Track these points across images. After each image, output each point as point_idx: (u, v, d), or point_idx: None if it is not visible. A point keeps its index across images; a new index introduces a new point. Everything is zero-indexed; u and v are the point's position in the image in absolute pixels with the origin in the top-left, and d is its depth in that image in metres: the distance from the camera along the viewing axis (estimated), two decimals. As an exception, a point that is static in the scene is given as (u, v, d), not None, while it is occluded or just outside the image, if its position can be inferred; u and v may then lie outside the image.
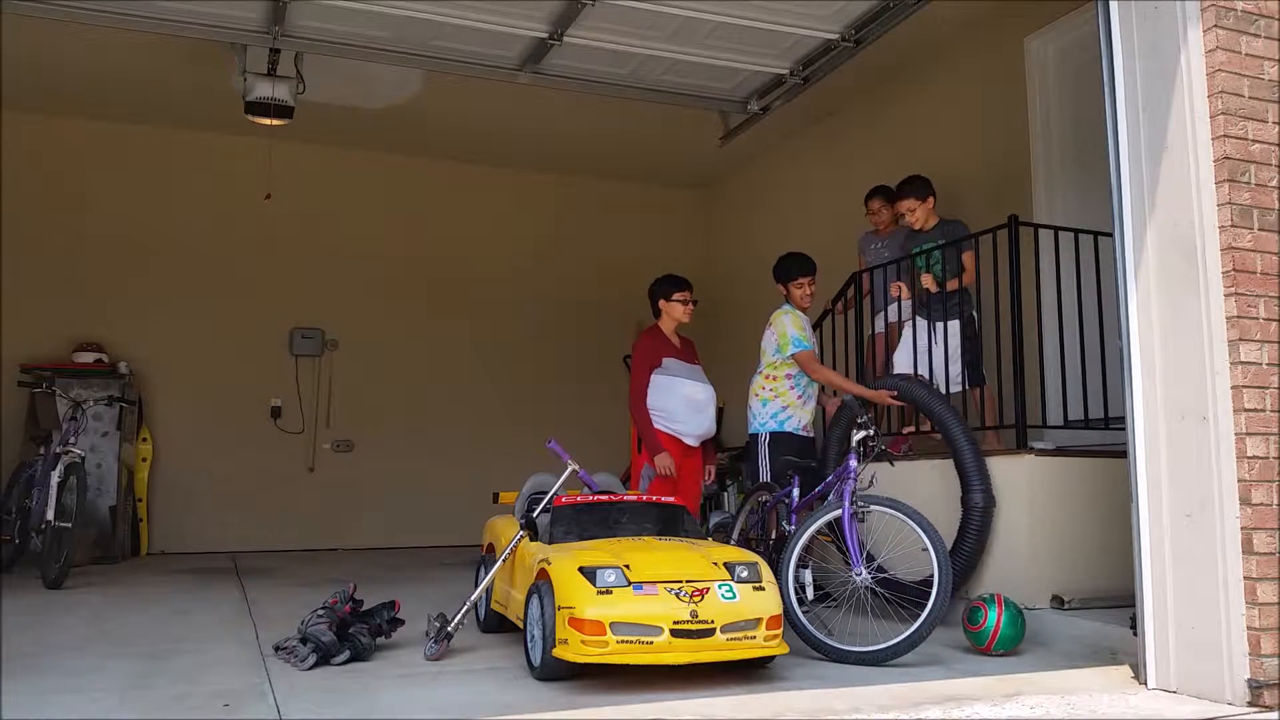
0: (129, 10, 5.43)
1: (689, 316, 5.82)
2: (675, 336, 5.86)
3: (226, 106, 7.18)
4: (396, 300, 9.39)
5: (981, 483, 4.85)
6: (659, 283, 5.87)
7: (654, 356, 5.70)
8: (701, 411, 5.71)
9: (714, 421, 5.84)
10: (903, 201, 5.93)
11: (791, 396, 5.52)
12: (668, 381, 5.66)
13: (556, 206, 10.04)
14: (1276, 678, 3.29)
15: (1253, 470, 3.38)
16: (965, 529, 4.80)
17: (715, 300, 10.30)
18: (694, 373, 5.77)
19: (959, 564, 4.64)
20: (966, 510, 4.84)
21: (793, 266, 5.70)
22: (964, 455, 4.92)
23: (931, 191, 5.90)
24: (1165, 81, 3.65)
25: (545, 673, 3.63)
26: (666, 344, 5.78)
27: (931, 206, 5.89)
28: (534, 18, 5.61)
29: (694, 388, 5.69)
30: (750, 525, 5.44)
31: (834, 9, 5.59)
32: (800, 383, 5.55)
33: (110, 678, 3.71)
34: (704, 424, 5.74)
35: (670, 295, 5.79)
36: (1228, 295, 3.45)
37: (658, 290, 5.85)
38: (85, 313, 8.37)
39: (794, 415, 5.52)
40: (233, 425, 8.75)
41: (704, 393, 5.74)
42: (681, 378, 5.68)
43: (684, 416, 5.65)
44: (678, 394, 5.65)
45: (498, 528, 4.74)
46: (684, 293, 5.79)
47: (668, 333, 5.83)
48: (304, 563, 7.62)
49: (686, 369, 5.74)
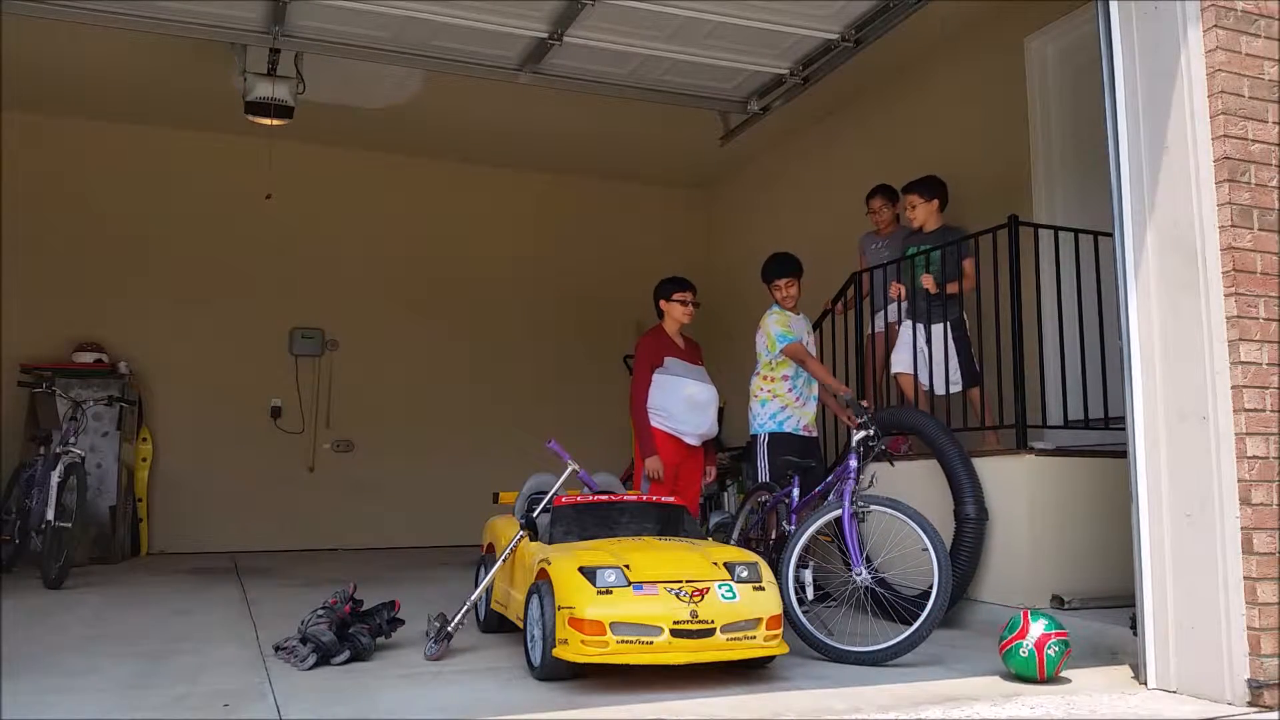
0: (129, 10, 5.43)
1: (689, 317, 5.83)
2: (679, 337, 5.88)
3: (226, 106, 7.18)
4: (396, 300, 9.38)
5: (974, 494, 4.90)
6: (662, 284, 5.92)
7: (655, 356, 5.73)
8: (702, 411, 5.72)
9: (715, 422, 5.85)
10: (908, 195, 5.92)
11: (790, 397, 5.56)
12: (669, 381, 5.68)
13: (557, 206, 10.03)
14: (1276, 678, 3.29)
15: (1253, 470, 3.38)
16: (960, 541, 4.83)
17: (715, 300, 10.30)
18: (696, 373, 5.78)
19: (955, 576, 4.64)
20: (959, 523, 4.86)
21: (772, 268, 5.74)
22: (955, 468, 4.97)
23: (939, 195, 5.89)
24: (1165, 81, 3.65)
25: (545, 673, 3.63)
26: (669, 344, 5.80)
27: (936, 209, 5.87)
28: (534, 18, 5.61)
29: (696, 387, 5.70)
30: (750, 525, 5.44)
31: (834, 9, 5.59)
32: (798, 383, 5.57)
33: (110, 678, 3.71)
34: (705, 424, 5.75)
35: (670, 295, 5.82)
36: (1228, 295, 3.45)
37: (660, 291, 5.89)
38: (85, 313, 8.36)
39: (793, 415, 5.56)
40: (233, 425, 8.75)
41: (706, 393, 5.75)
42: (683, 377, 5.69)
43: (685, 416, 5.66)
44: (679, 393, 5.66)
45: (498, 528, 4.74)
46: (684, 293, 5.81)
47: (671, 333, 5.85)
48: (304, 563, 7.61)
49: (688, 369, 5.76)
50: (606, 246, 9.99)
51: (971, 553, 4.82)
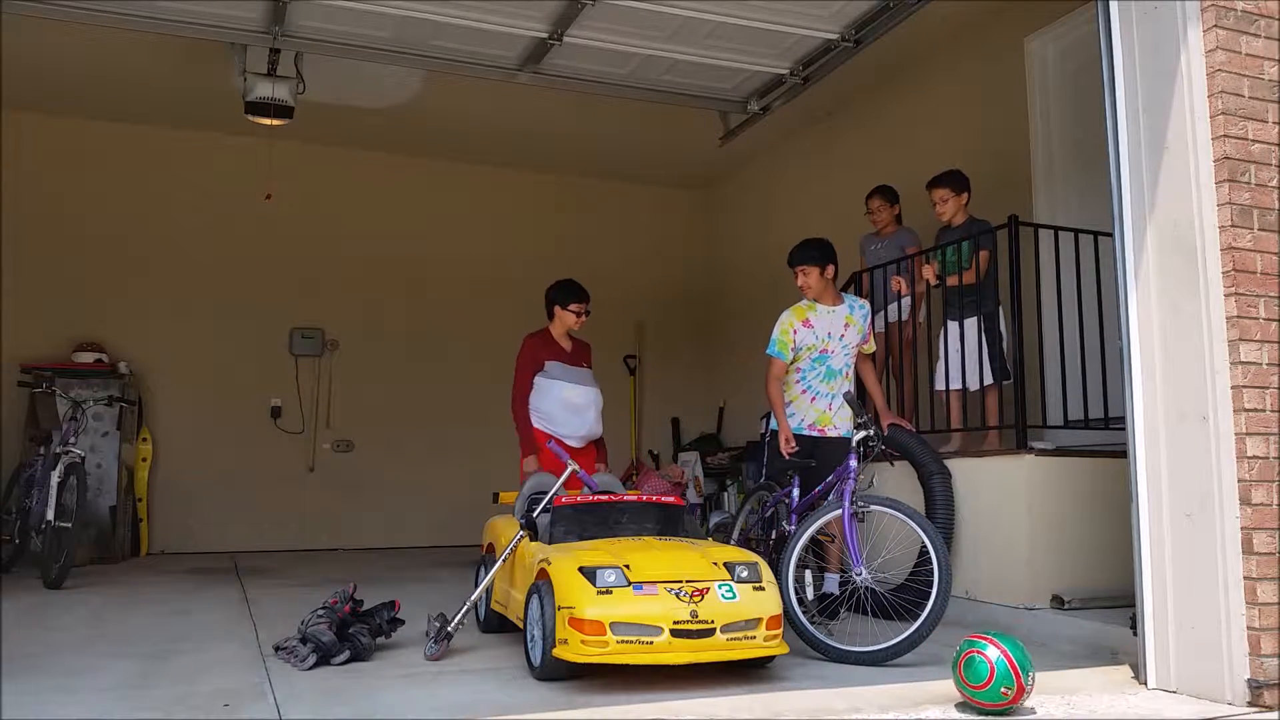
0: (129, 10, 5.43)
1: (579, 325, 5.93)
2: (566, 340, 5.94)
3: (226, 106, 7.18)
4: (396, 300, 9.39)
5: (945, 513, 5.01)
6: (557, 288, 5.94)
7: (537, 359, 5.81)
8: (579, 414, 5.77)
9: (597, 423, 5.88)
10: (937, 190, 5.82)
11: (796, 391, 5.34)
12: (547, 384, 5.76)
13: (556, 206, 10.04)
14: (1276, 678, 3.29)
15: (1253, 470, 3.38)
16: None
17: (715, 300, 10.34)
18: (578, 375, 5.84)
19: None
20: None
21: (790, 256, 5.44)
22: (932, 486, 5.07)
23: (969, 188, 5.83)
24: (1165, 81, 3.65)
25: (545, 673, 3.63)
26: (551, 347, 5.86)
27: (964, 203, 5.83)
28: (534, 18, 5.61)
29: (572, 390, 5.77)
30: (750, 525, 5.43)
31: (834, 9, 5.59)
32: (808, 379, 5.32)
33: (110, 678, 3.71)
34: (583, 426, 5.79)
35: (566, 304, 5.88)
36: (1228, 295, 3.45)
37: (554, 295, 5.92)
38: (85, 313, 8.36)
39: (798, 413, 5.36)
40: (233, 425, 8.75)
41: (584, 396, 5.79)
42: (561, 380, 5.75)
43: (562, 419, 5.74)
44: (555, 396, 5.74)
45: (498, 528, 4.74)
46: (580, 304, 5.88)
47: (556, 336, 5.92)
48: (304, 563, 7.62)
49: (569, 372, 5.81)
50: (606, 246, 9.99)
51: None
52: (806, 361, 5.30)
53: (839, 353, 5.30)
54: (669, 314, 10.26)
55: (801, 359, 5.30)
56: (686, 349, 10.29)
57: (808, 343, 5.28)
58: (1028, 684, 3.24)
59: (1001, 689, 3.21)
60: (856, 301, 5.46)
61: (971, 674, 3.25)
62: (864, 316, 5.38)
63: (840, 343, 5.30)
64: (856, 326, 5.34)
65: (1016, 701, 3.22)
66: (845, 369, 5.33)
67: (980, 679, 3.23)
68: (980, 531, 4.99)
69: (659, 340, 10.26)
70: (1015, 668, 3.21)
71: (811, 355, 5.28)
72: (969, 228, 5.68)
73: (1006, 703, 3.21)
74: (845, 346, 5.32)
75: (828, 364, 5.29)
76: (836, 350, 5.29)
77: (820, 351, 5.27)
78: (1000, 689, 3.21)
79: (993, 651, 3.24)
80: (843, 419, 5.24)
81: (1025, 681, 3.23)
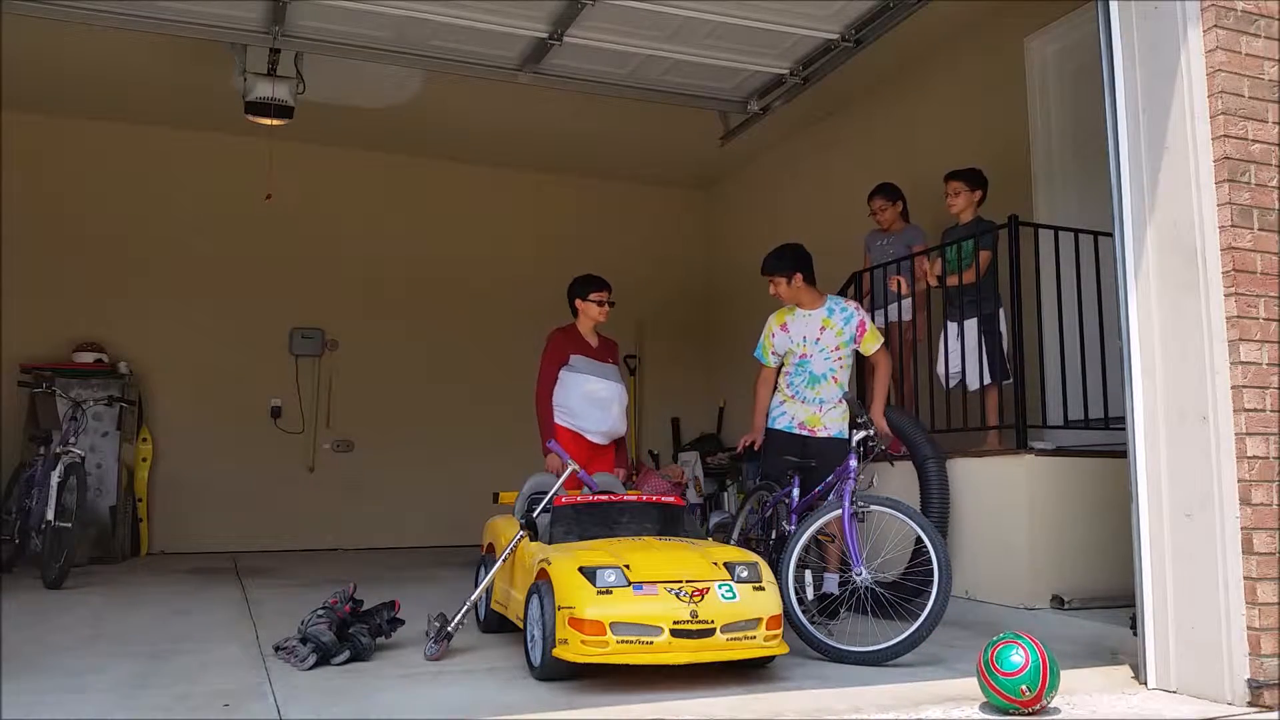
0: (129, 10, 5.43)
1: (604, 316, 5.83)
2: (593, 336, 5.88)
3: (226, 106, 7.17)
4: (396, 300, 9.38)
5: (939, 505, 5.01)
6: (576, 282, 5.89)
7: (562, 353, 5.74)
8: (604, 408, 5.67)
9: (620, 420, 5.76)
10: (952, 182, 5.81)
11: (787, 393, 5.38)
12: (571, 378, 5.68)
13: (557, 206, 10.03)
14: (1276, 678, 3.29)
15: (1253, 470, 3.38)
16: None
17: (715, 300, 10.34)
18: (604, 371, 5.77)
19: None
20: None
21: (761, 265, 5.45)
22: (928, 472, 5.05)
23: (983, 187, 5.81)
24: (1165, 81, 3.65)
25: (545, 673, 3.63)
26: (577, 342, 5.80)
27: (977, 201, 5.82)
28: (534, 18, 5.61)
29: (597, 384, 5.67)
30: (750, 525, 5.43)
31: (834, 9, 5.58)
32: (795, 380, 5.34)
33: (110, 678, 3.71)
34: (607, 421, 5.69)
35: (587, 295, 5.80)
36: (1228, 295, 3.45)
37: (575, 289, 5.86)
38: (85, 313, 8.36)
39: (786, 412, 5.36)
40: (233, 425, 8.75)
41: (608, 390, 5.70)
42: (586, 374, 5.69)
43: (585, 413, 5.64)
44: (579, 390, 5.65)
45: (498, 528, 4.74)
46: (600, 293, 5.80)
47: (583, 331, 5.85)
48: (304, 563, 7.62)
49: (595, 367, 5.74)
50: (606, 246, 9.95)
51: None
52: (791, 365, 5.36)
53: (816, 357, 5.28)
54: (669, 314, 10.26)
55: (788, 362, 5.37)
56: (686, 349, 10.29)
57: (786, 347, 5.33)
58: (1045, 699, 3.21)
59: (1022, 686, 3.17)
60: (839, 304, 5.40)
61: (1001, 660, 3.21)
62: (846, 319, 5.31)
63: (816, 346, 5.27)
64: (835, 329, 5.28)
65: (1027, 707, 3.19)
66: (831, 374, 5.28)
67: (1010, 668, 3.19)
68: (980, 531, 4.99)
69: (659, 340, 10.25)
70: (1045, 675, 3.18)
71: (794, 359, 5.33)
72: (975, 227, 5.68)
73: (1018, 701, 3.19)
74: (823, 350, 5.28)
75: (809, 369, 5.29)
76: (814, 354, 5.28)
77: (800, 356, 5.30)
78: (1021, 686, 3.17)
79: (1034, 650, 3.21)
80: (834, 420, 5.24)
81: (1045, 694, 3.19)
